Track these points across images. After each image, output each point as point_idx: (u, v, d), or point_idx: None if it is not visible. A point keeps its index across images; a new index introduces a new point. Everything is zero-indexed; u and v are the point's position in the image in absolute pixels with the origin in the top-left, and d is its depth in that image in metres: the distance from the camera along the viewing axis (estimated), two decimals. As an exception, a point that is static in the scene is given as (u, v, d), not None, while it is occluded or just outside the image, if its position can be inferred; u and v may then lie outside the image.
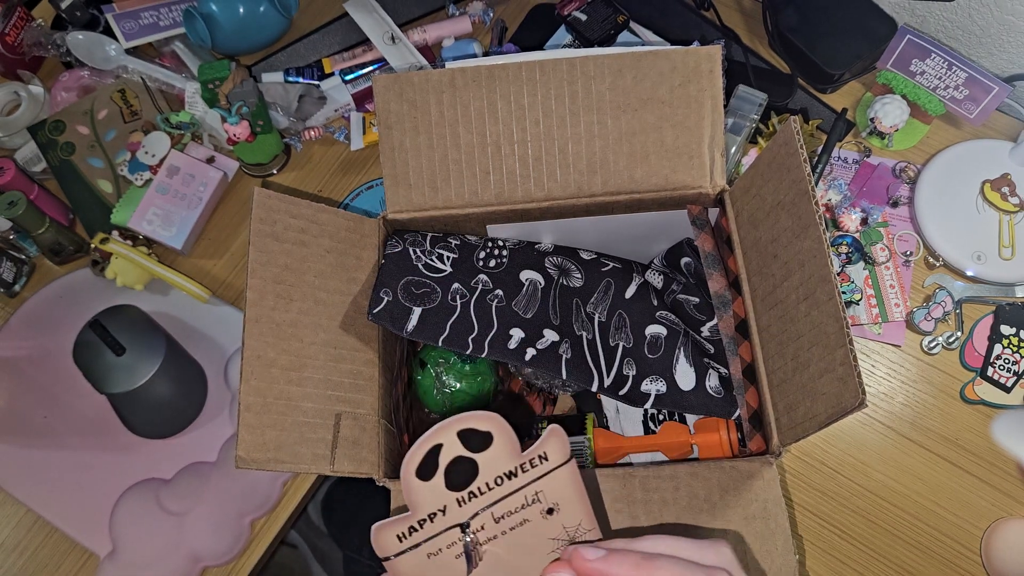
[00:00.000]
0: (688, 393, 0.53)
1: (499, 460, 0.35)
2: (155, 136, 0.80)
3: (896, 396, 0.70)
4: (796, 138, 0.46)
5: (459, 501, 0.35)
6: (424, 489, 0.35)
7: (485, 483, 0.35)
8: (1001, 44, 0.78)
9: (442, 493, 0.35)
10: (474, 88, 0.54)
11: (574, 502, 0.36)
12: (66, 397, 0.73)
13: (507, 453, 0.35)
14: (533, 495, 0.36)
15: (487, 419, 0.35)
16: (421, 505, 0.35)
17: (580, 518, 0.37)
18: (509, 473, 0.35)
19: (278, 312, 0.49)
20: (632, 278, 0.58)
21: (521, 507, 0.36)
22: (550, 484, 0.36)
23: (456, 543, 0.36)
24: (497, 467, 0.35)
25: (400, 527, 0.35)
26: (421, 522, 0.35)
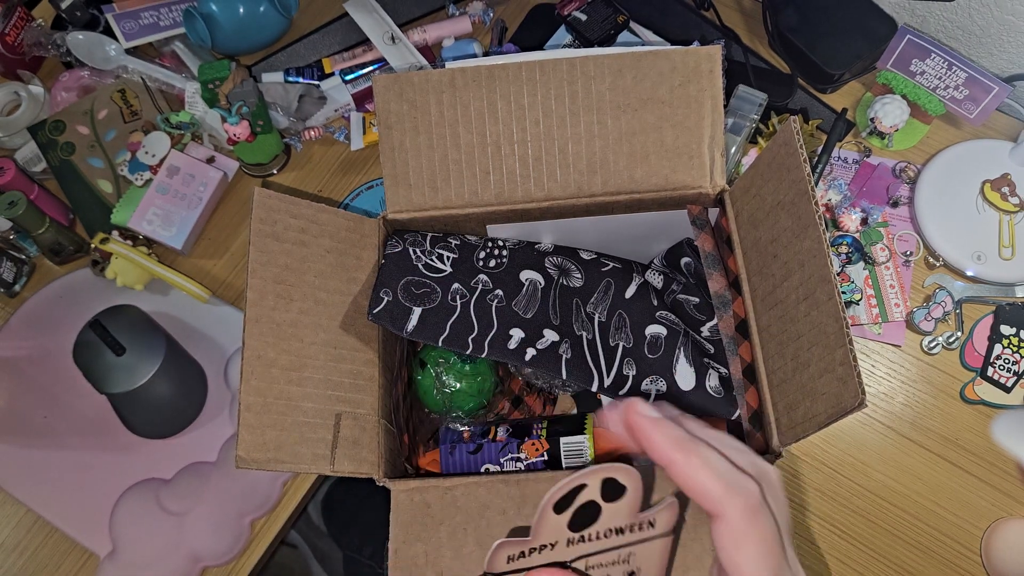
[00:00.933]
0: (688, 393, 0.53)
1: (619, 515, 0.36)
2: (155, 136, 0.80)
3: (896, 396, 0.70)
4: (796, 138, 0.46)
5: (569, 541, 0.36)
6: (553, 521, 0.35)
7: (598, 532, 0.36)
8: (1001, 44, 0.78)
9: (562, 529, 0.35)
10: (474, 88, 0.54)
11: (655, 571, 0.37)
12: (66, 397, 0.73)
13: (629, 510, 0.36)
14: (627, 554, 0.36)
15: (631, 476, 0.35)
16: (542, 534, 0.35)
17: None
18: (619, 529, 0.36)
19: (278, 312, 0.49)
20: (632, 278, 0.58)
21: (612, 562, 0.37)
22: (644, 551, 0.37)
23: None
24: (615, 520, 0.36)
25: (514, 548, 0.35)
26: (532, 550, 0.36)
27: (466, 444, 0.56)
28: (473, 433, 0.56)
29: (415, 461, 0.58)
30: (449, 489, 0.48)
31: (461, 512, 0.47)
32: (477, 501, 0.48)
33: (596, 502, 0.35)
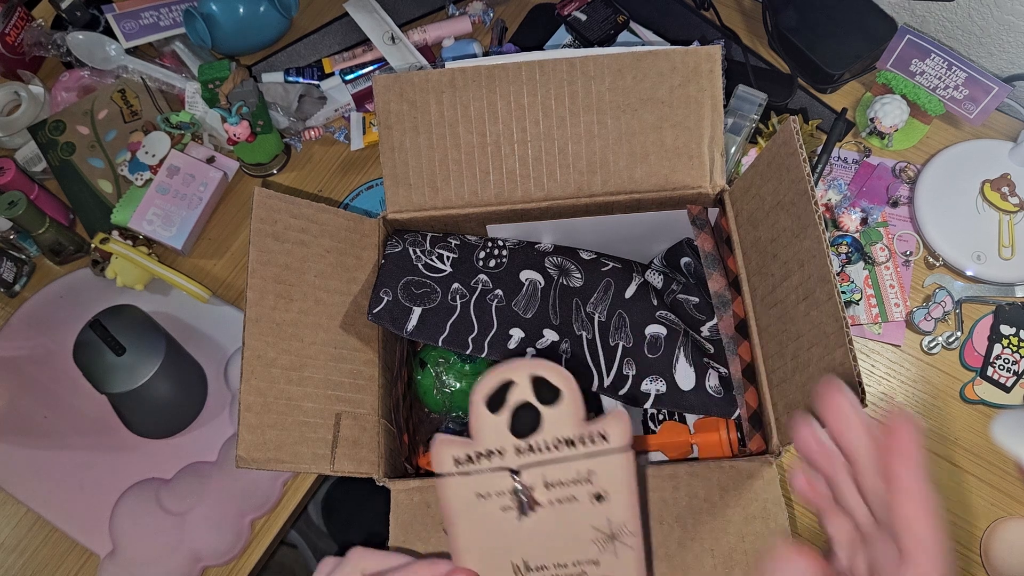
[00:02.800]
0: (688, 393, 0.53)
1: (563, 422, 0.35)
2: (155, 136, 0.80)
3: (896, 396, 0.70)
4: (796, 138, 0.46)
5: (517, 449, 0.36)
6: (489, 421, 0.35)
7: (544, 441, 0.36)
8: (1001, 44, 0.78)
9: (504, 434, 0.35)
10: (474, 88, 0.54)
11: (624, 497, 0.37)
12: (66, 397, 0.73)
13: (572, 418, 0.35)
14: (586, 472, 0.36)
15: (562, 376, 0.35)
16: (483, 437, 0.36)
17: (626, 519, 0.37)
18: (568, 440, 0.36)
19: (278, 312, 0.49)
20: (632, 278, 0.58)
21: (572, 481, 0.36)
22: (604, 467, 0.36)
23: (504, 494, 0.36)
24: (559, 429, 0.36)
25: (459, 450, 0.36)
26: (478, 455, 0.36)
27: (466, 444, 0.56)
28: (473, 433, 0.56)
29: (415, 461, 0.58)
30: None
31: (461, 512, 0.47)
32: (477, 501, 0.48)
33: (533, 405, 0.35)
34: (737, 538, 0.46)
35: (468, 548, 0.37)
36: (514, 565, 0.37)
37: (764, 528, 0.46)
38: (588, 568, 0.38)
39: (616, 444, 0.36)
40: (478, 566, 0.37)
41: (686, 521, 0.47)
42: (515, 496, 0.36)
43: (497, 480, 0.36)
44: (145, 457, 0.71)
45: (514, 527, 0.37)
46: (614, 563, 0.38)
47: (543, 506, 0.36)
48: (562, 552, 0.37)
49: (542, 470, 0.36)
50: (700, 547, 0.46)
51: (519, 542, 0.37)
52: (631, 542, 0.37)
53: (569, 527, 0.37)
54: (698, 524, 0.47)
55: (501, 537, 0.37)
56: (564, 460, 0.36)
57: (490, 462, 0.36)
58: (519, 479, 0.36)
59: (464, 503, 0.36)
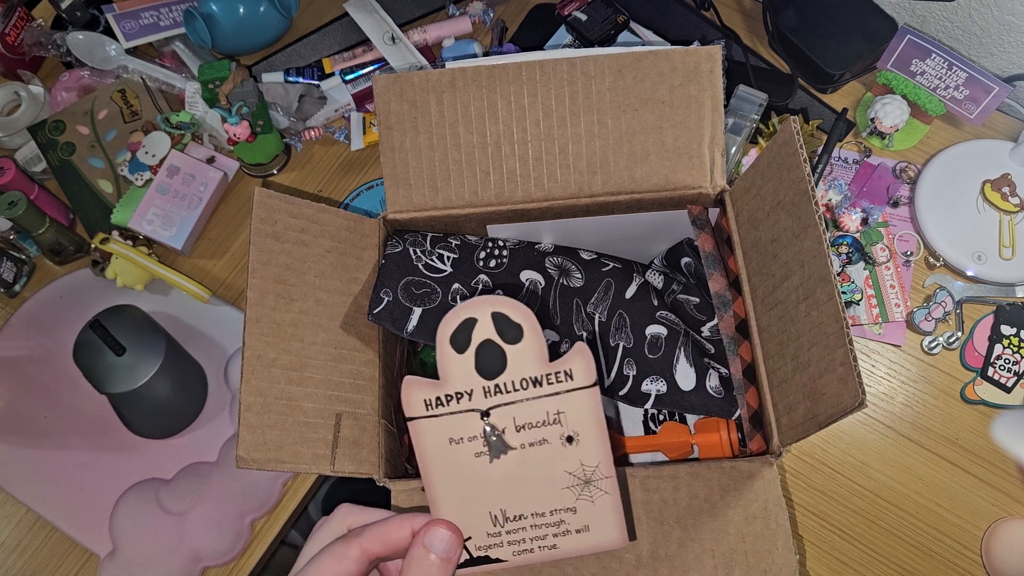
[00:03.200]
0: (688, 393, 0.53)
1: (527, 360, 0.36)
2: (155, 136, 0.80)
3: (896, 396, 0.70)
4: (796, 138, 0.46)
5: (485, 391, 0.36)
6: (456, 361, 0.36)
7: (512, 381, 0.36)
8: (1001, 44, 0.78)
9: (472, 375, 0.36)
10: (474, 88, 0.54)
11: (593, 436, 0.37)
12: (67, 397, 0.73)
13: (535, 356, 0.36)
14: (555, 412, 0.36)
15: (521, 311, 0.36)
16: (451, 377, 0.36)
17: (599, 459, 0.37)
18: (535, 380, 0.36)
19: (278, 312, 0.49)
20: (632, 278, 0.58)
21: (542, 423, 0.37)
22: (572, 405, 0.36)
23: (476, 439, 0.36)
24: (524, 368, 0.36)
25: (429, 392, 0.36)
26: (448, 397, 0.36)
27: (466, 444, 0.56)
28: (473, 433, 0.56)
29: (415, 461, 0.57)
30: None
31: (461, 512, 0.47)
32: (477, 501, 0.47)
33: (496, 343, 0.36)
34: (738, 539, 0.46)
35: (445, 498, 0.37)
36: (492, 515, 0.37)
37: (765, 528, 0.46)
38: (566, 516, 0.38)
39: (581, 381, 0.36)
40: (456, 517, 0.37)
41: (686, 522, 0.47)
42: (486, 439, 0.36)
43: (468, 423, 0.36)
44: (145, 457, 0.71)
45: (488, 473, 0.37)
46: (591, 510, 0.38)
47: (516, 449, 0.37)
48: (538, 500, 0.37)
49: (512, 411, 0.36)
50: (701, 548, 0.46)
51: (495, 490, 0.37)
52: (606, 486, 0.37)
53: (543, 472, 0.37)
54: (698, 525, 0.46)
55: (476, 485, 0.37)
56: (532, 399, 0.36)
57: (459, 404, 0.36)
58: (489, 420, 0.36)
59: (438, 449, 0.36)
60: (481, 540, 0.37)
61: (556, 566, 0.46)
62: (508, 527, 0.37)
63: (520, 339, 0.36)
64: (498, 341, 0.36)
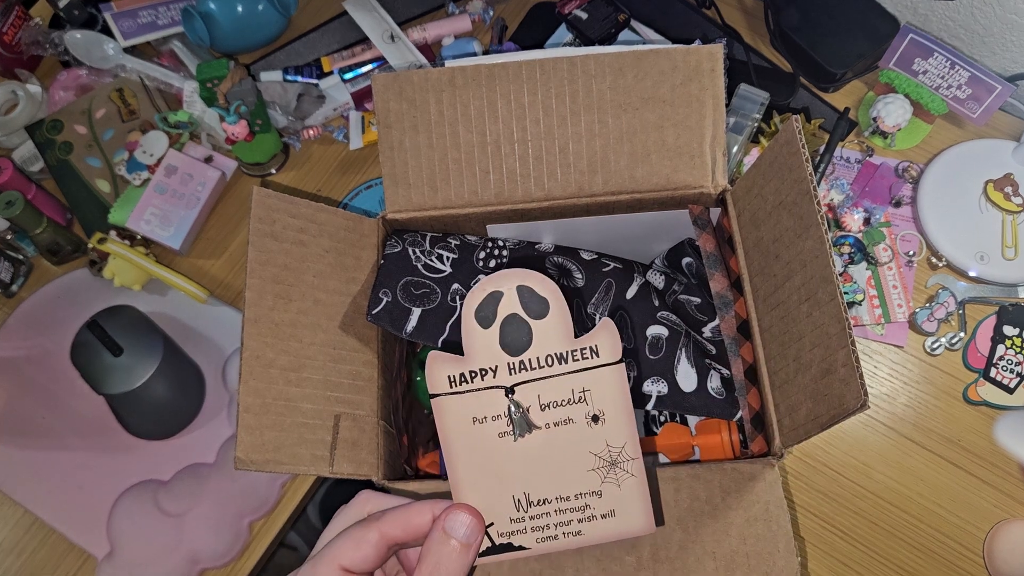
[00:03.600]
0: (689, 394, 0.53)
1: (552, 336, 0.35)
2: (153, 135, 0.80)
3: (898, 397, 0.69)
4: (798, 137, 0.45)
5: (510, 367, 0.35)
6: (481, 336, 0.35)
7: (536, 357, 0.35)
8: (1004, 43, 0.77)
9: (497, 351, 0.35)
10: (474, 87, 0.53)
11: (620, 415, 0.36)
12: (64, 398, 0.73)
13: (561, 331, 0.35)
14: (581, 390, 0.36)
15: (548, 286, 0.35)
16: (476, 354, 0.35)
17: (625, 439, 0.36)
18: (560, 356, 0.35)
19: (277, 312, 0.49)
20: (633, 278, 0.58)
21: (567, 401, 0.36)
22: (598, 383, 0.36)
23: (500, 417, 0.35)
24: (550, 343, 0.35)
25: (454, 368, 0.35)
26: (472, 374, 0.35)
27: (466, 445, 0.55)
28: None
29: (414, 463, 0.57)
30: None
31: (461, 514, 0.47)
32: (477, 503, 0.47)
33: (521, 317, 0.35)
34: (739, 540, 0.46)
35: (467, 480, 0.36)
36: (515, 499, 0.36)
37: (766, 530, 0.46)
38: (591, 500, 0.37)
39: (608, 358, 0.35)
40: (478, 501, 0.36)
41: (687, 523, 0.46)
42: (510, 418, 0.35)
43: (493, 401, 0.35)
44: (143, 458, 0.70)
45: (512, 454, 0.36)
46: (617, 494, 0.37)
47: (540, 429, 0.36)
48: (563, 483, 0.36)
49: (536, 389, 0.35)
50: (701, 549, 0.46)
51: (519, 471, 0.36)
52: (633, 468, 0.36)
53: (568, 453, 0.36)
54: (699, 526, 0.46)
55: (500, 466, 0.36)
56: (557, 376, 0.35)
57: (483, 381, 0.35)
58: (513, 397, 0.35)
59: (461, 428, 0.36)
60: (504, 526, 0.36)
61: (557, 568, 0.46)
62: (532, 512, 0.36)
63: (546, 314, 0.35)
64: (523, 316, 0.35)
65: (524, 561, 0.46)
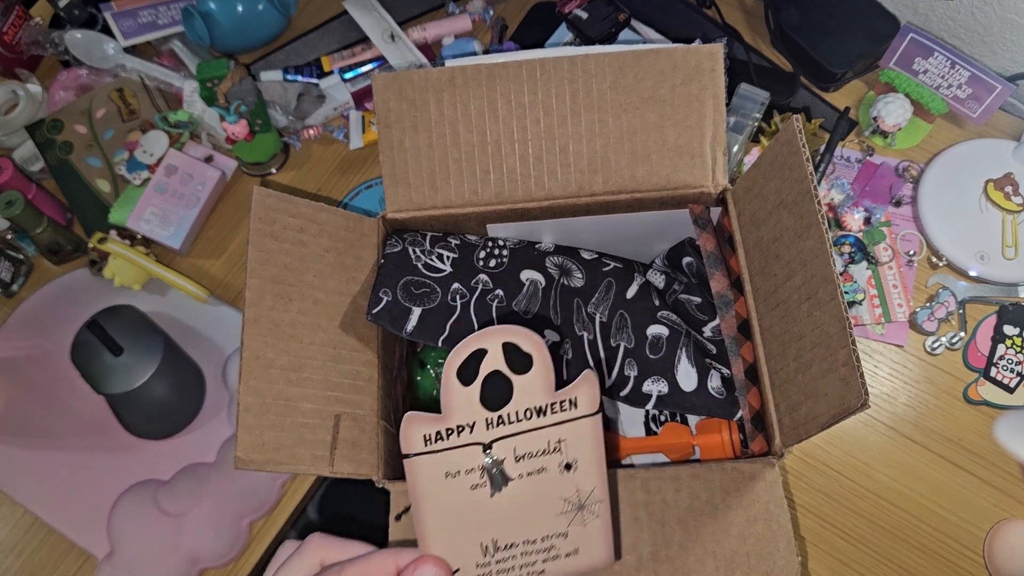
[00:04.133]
0: (690, 394, 0.53)
1: (533, 390, 0.35)
2: (153, 135, 0.80)
3: (899, 397, 0.69)
4: (798, 137, 0.45)
5: (488, 423, 0.35)
6: (462, 393, 0.34)
7: (516, 411, 0.35)
8: (1004, 43, 0.77)
9: (476, 407, 0.35)
10: (474, 87, 0.53)
11: (592, 463, 0.36)
12: (64, 397, 0.73)
13: (542, 385, 0.35)
14: (556, 441, 0.36)
15: (533, 341, 0.34)
16: (455, 411, 0.35)
17: (594, 484, 0.36)
18: (539, 409, 0.35)
19: (277, 312, 0.49)
20: (633, 278, 0.58)
21: (542, 451, 0.36)
22: (574, 434, 0.35)
23: (474, 471, 0.35)
24: (530, 398, 0.35)
25: (430, 427, 0.35)
26: (449, 431, 0.35)
27: (466, 445, 0.55)
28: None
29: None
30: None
31: (461, 514, 0.47)
32: (477, 503, 0.47)
33: (504, 374, 0.34)
34: (739, 540, 0.46)
35: (435, 532, 0.35)
36: (483, 546, 0.36)
37: (766, 530, 0.46)
38: (556, 542, 0.37)
39: (585, 409, 0.35)
40: (445, 551, 0.35)
41: (687, 523, 0.46)
42: (486, 472, 0.35)
43: (467, 456, 0.35)
44: (143, 458, 0.70)
45: (485, 505, 0.35)
46: (582, 534, 0.37)
47: (514, 480, 0.35)
48: (531, 528, 0.36)
49: (513, 442, 0.35)
50: (702, 549, 0.46)
51: (489, 520, 0.36)
52: (599, 510, 0.36)
53: (538, 500, 0.36)
54: (700, 526, 0.46)
55: (471, 517, 0.36)
56: (534, 429, 0.35)
57: (459, 438, 0.35)
58: (490, 453, 0.35)
59: (433, 484, 0.35)
60: (469, 571, 0.36)
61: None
62: (498, 556, 0.36)
63: (529, 369, 0.34)
64: (506, 372, 0.34)
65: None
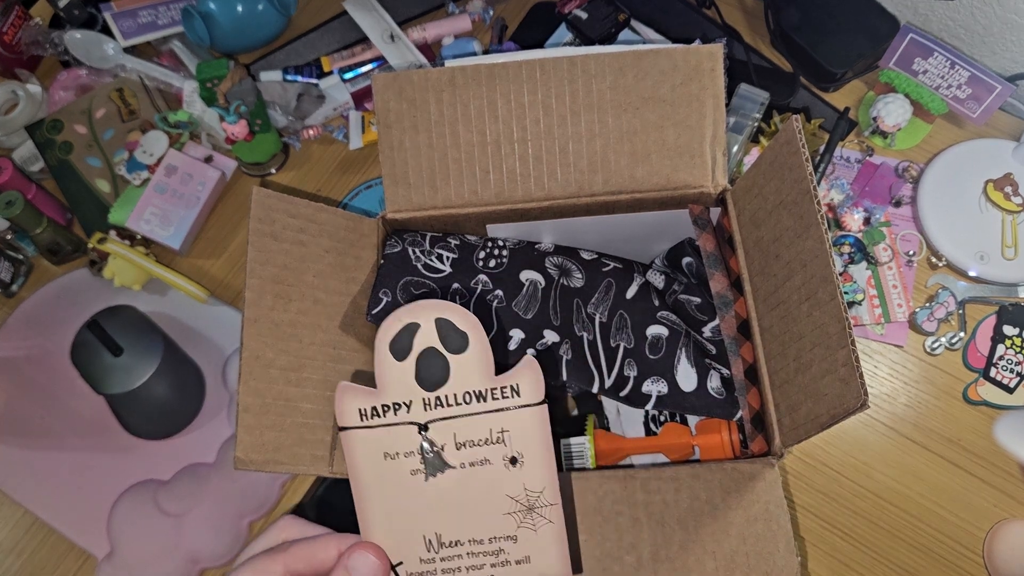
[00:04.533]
0: (690, 394, 0.53)
1: (471, 373, 0.34)
2: (153, 135, 0.80)
3: (898, 397, 0.69)
4: (798, 137, 0.45)
5: (425, 403, 0.34)
6: (395, 369, 0.34)
7: (454, 394, 0.34)
8: (1004, 43, 0.77)
9: (411, 385, 0.34)
10: (474, 87, 0.53)
11: (540, 459, 0.35)
12: (64, 398, 0.73)
13: (481, 368, 0.34)
14: (499, 431, 0.34)
15: (468, 319, 0.34)
16: (389, 386, 0.34)
17: (544, 484, 0.35)
18: (479, 394, 0.34)
19: (277, 312, 0.49)
20: (633, 278, 0.58)
21: (484, 441, 0.35)
22: (517, 424, 0.34)
23: (413, 454, 0.34)
24: (468, 380, 0.34)
25: (365, 401, 0.34)
26: (385, 408, 0.34)
27: (466, 445, 0.55)
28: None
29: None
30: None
31: (461, 514, 0.47)
32: (477, 503, 0.47)
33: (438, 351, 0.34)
34: (739, 540, 0.46)
35: (376, 518, 0.35)
36: (426, 539, 0.35)
37: (766, 530, 0.46)
38: (505, 545, 0.36)
39: (529, 398, 0.34)
40: (386, 540, 0.35)
41: (687, 523, 0.46)
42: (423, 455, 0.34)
43: (405, 437, 0.34)
44: (143, 458, 0.70)
45: (425, 493, 0.35)
46: (533, 539, 0.35)
47: (455, 468, 0.35)
48: (477, 526, 0.35)
49: (452, 426, 0.34)
50: (702, 550, 0.46)
51: (430, 511, 0.35)
52: (551, 514, 0.35)
53: (483, 495, 0.35)
54: (699, 526, 0.46)
55: (412, 504, 0.35)
56: (474, 415, 0.34)
57: (396, 416, 0.34)
58: (427, 435, 0.34)
59: (371, 463, 0.34)
60: (413, 566, 0.35)
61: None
62: (443, 553, 0.35)
63: (465, 349, 0.34)
64: (441, 350, 0.34)
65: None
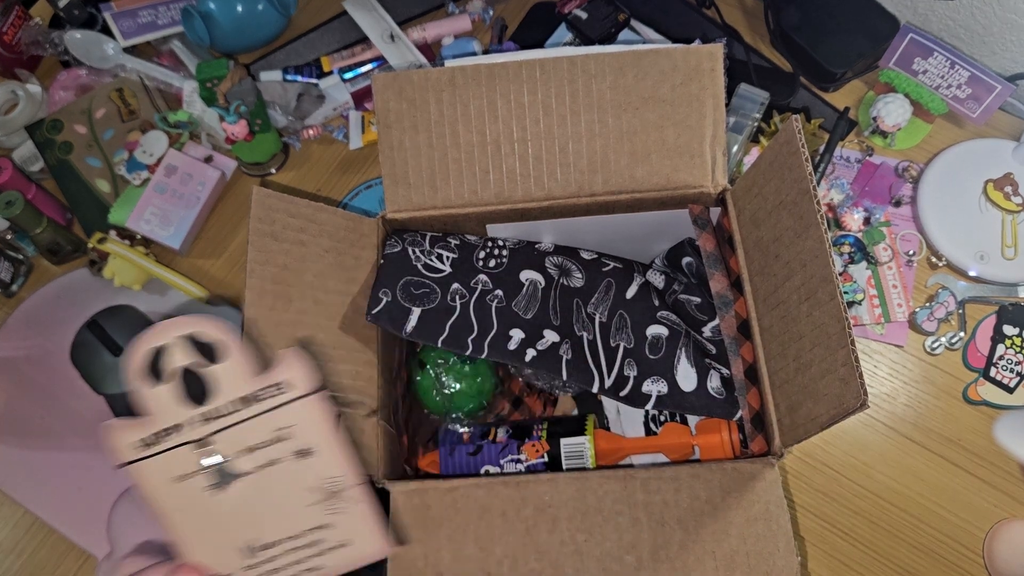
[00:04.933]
0: (689, 394, 0.53)
1: (235, 378, 0.34)
2: (153, 135, 0.80)
3: (898, 397, 0.69)
4: (798, 137, 0.45)
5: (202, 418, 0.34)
6: (156, 394, 0.34)
7: (225, 403, 0.34)
8: (1004, 43, 0.77)
9: (177, 406, 0.34)
10: (474, 87, 0.53)
11: (330, 446, 0.35)
12: (64, 397, 0.73)
13: (242, 372, 0.34)
14: (280, 428, 0.35)
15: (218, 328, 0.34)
16: (155, 412, 0.34)
17: (341, 470, 0.35)
18: (247, 398, 0.34)
19: (277, 312, 0.49)
20: (633, 278, 0.58)
21: (269, 441, 0.35)
22: (299, 418, 0.34)
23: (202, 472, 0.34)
24: (234, 387, 0.34)
25: (135, 433, 0.34)
26: (158, 435, 0.34)
27: (466, 446, 0.55)
28: (472, 434, 0.56)
29: (414, 462, 0.57)
30: (449, 491, 0.47)
31: (460, 514, 0.47)
32: (477, 503, 0.47)
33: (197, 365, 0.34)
34: (739, 540, 0.46)
35: (188, 538, 0.35)
36: (240, 549, 0.35)
37: (766, 530, 0.46)
38: (321, 535, 0.36)
39: (301, 390, 0.34)
40: (206, 556, 0.35)
41: (687, 523, 0.46)
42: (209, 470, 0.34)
43: (186, 457, 0.34)
44: (143, 458, 0.70)
45: (224, 505, 0.35)
46: (347, 523, 0.36)
47: (249, 475, 0.35)
48: (286, 523, 0.35)
49: (235, 434, 0.34)
50: (702, 549, 0.46)
51: (236, 521, 0.35)
52: (356, 494, 0.36)
53: (283, 493, 0.35)
54: (700, 526, 0.46)
55: (216, 520, 0.35)
56: (252, 418, 0.34)
57: (170, 439, 0.34)
58: (209, 449, 0.34)
59: (165, 491, 0.35)
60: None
61: (556, 567, 0.46)
62: (263, 556, 0.35)
63: (224, 357, 0.33)
64: (198, 364, 0.33)
65: (523, 561, 0.46)
